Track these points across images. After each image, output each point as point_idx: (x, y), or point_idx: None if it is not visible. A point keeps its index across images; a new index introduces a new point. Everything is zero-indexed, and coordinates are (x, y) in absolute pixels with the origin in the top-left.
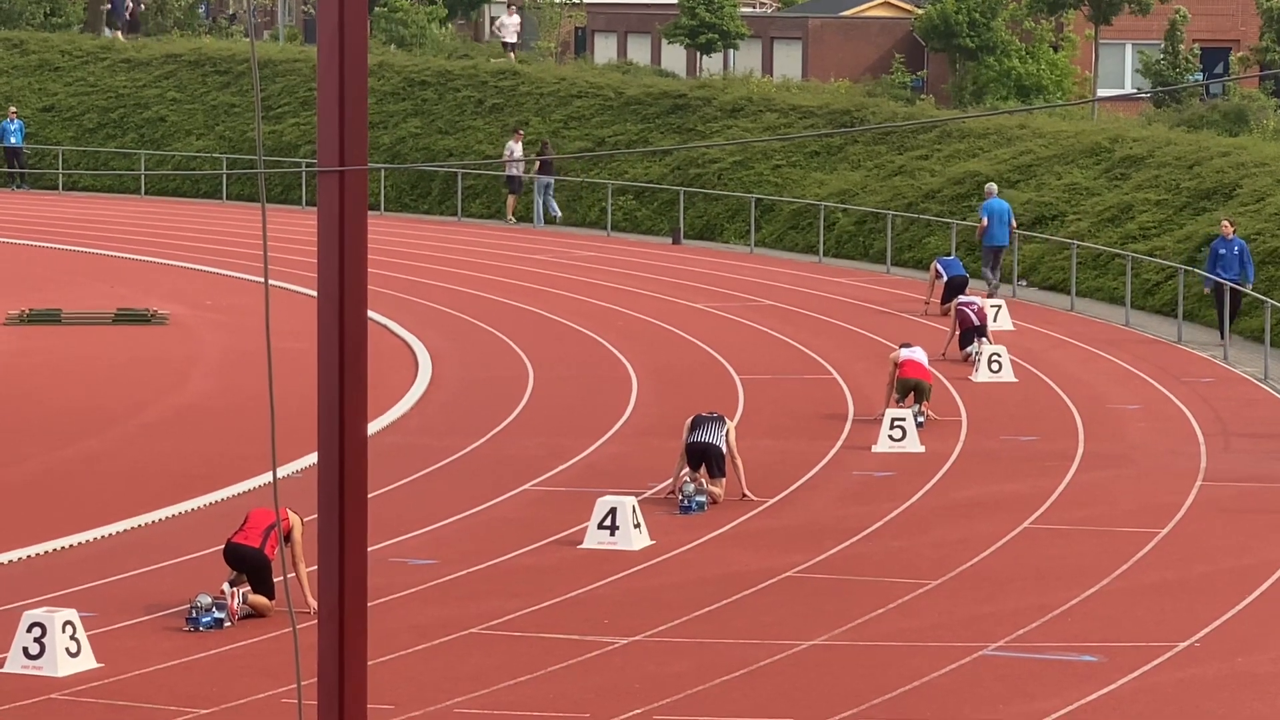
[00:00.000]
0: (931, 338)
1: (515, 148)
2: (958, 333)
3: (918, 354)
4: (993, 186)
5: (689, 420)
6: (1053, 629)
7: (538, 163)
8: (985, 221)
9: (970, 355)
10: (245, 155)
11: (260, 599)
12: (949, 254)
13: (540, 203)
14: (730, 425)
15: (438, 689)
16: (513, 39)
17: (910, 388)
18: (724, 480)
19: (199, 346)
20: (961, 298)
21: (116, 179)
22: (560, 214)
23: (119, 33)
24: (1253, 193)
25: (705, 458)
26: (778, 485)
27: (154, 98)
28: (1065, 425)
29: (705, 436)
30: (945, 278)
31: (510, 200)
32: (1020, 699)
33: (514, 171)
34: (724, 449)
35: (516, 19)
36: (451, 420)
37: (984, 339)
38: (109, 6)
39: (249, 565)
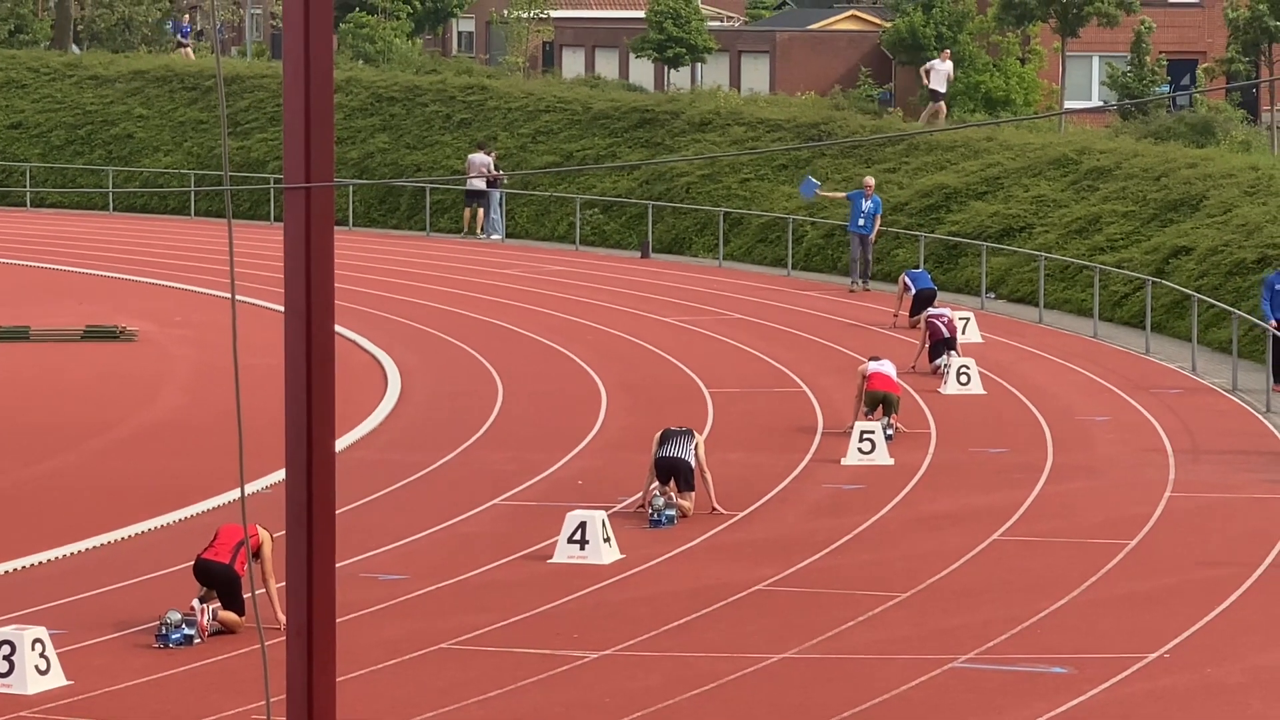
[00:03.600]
0: (900, 350)
1: (474, 159)
2: (928, 345)
3: (886, 367)
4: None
5: (658, 434)
6: (1022, 641)
7: (499, 177)
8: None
9: (939, 368)
10: (213, 171)
11: (230, 615)
12: (917, 267)
13: (493, 216)
14: (699, 439)
15: (408, 704)
16: (942, 87)
17: (879, 400)
18: (693, 494)
19: (168, 363)
20: (931, 310)
21: (84, 196)
22: (498, 233)
23: None
24: (1219, 204)
25: (674, 472)
26: (747, 499)
27: (121, 114)
28: (1034, 437)
29: (674, 451)
30: (914, 290)
31: (467, 214)
32: (990, 711)
33: (476, 185)
34: (693, 463)
35: (950, 65)
36: (421, 435)
37: (953, 351)
38: None
39: (218, 581)
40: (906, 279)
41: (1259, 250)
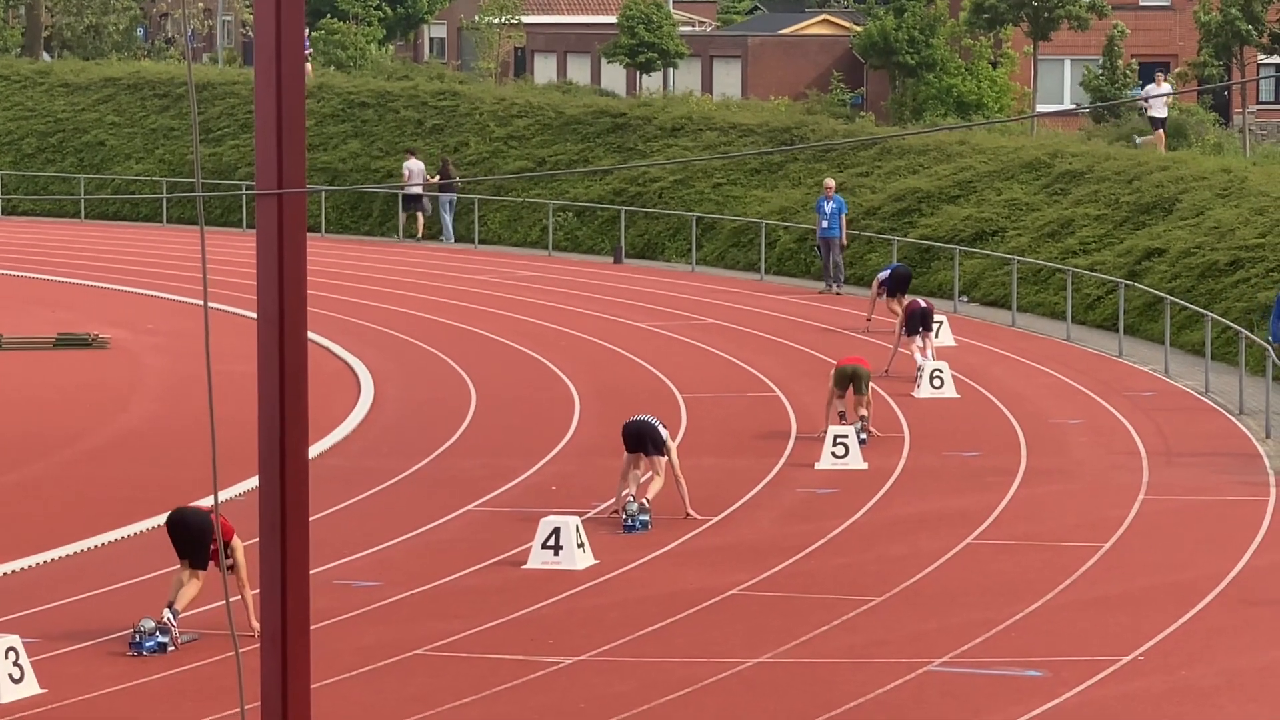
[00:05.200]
0: (874, 353)
1: (413, 166)
2: (904, 324)
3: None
4: (830, 182)
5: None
6: (997, 644)
7: (440, 178)
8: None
9: (920, 346)
10: (185, 178)
11: (195, 583)
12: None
13: (448, 220)
14: (671, 443)
15: (382, 711)
16: (1162, 113)
17: (848, 377)
18: (663, 460)
19: (140, 371)
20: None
21: (56, 203)
22: (452, 237)
23: None
24: (1191, 206)
25: (640, 436)
26: (721, 503)
27: (93, 121)
28: (1007, 440)
29: (638, 417)
30: (889, 272)
31: (408, 217)
32: (965, 714)
33: (414, 190)
34: (659, 429)
35: (1168, 87)
36: (394, 442)
37: (930, 334)
38: None
39: (192, 532)
40: (880, 276)
41: (1231, 253)
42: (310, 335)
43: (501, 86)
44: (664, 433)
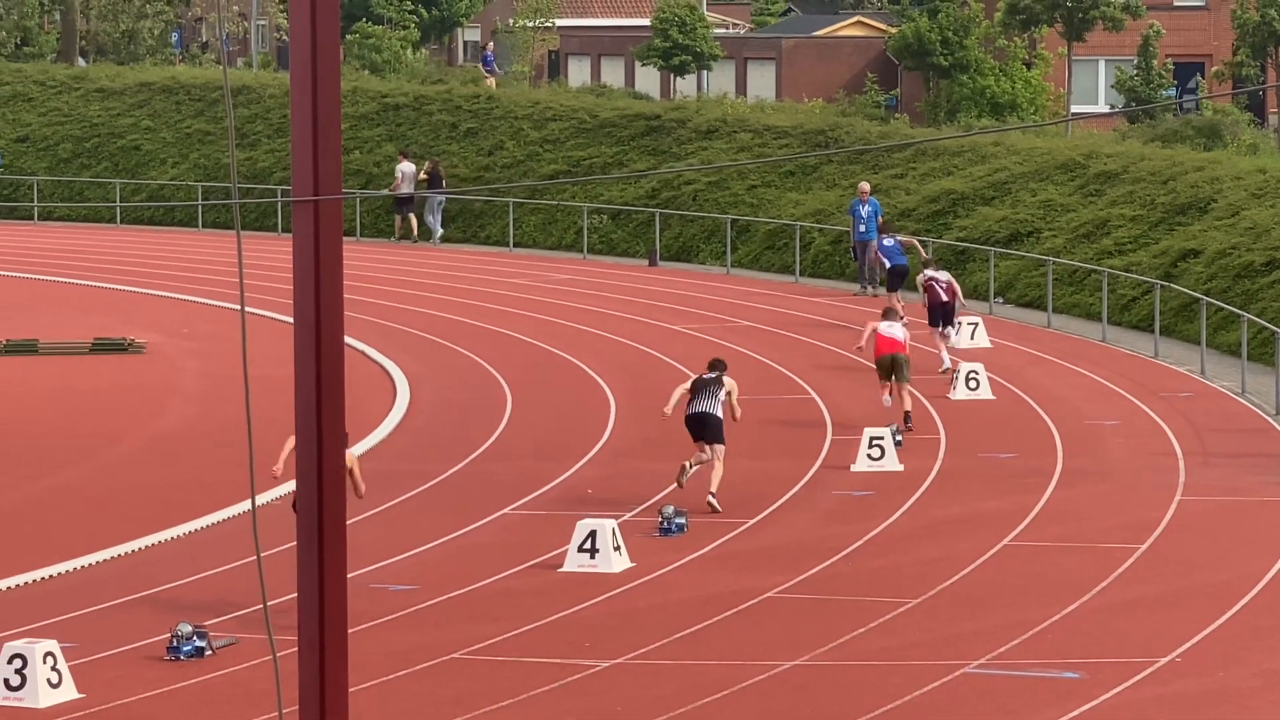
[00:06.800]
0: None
1: (405, 168)
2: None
3: (896, 330)
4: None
5: (690, 383)
6: (1033, 646)
7: (427, 181)
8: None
9: (945, 333)
10: (220, 183)
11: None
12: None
13: (432, 220)
14: (730, 385)
15: (419, 715)
16: None
17: (888, 366)
18: (722, 446)
19: (177, 375)
20: (928, 272)
21: (91, 208)
22: (440, 234)
23: None
24: (1227, 207)
25: (702, 426)
26: (757, 505)
27: (128, 126)
28: (1043, 442)
29: (702, 405)
30: (889, 265)
31: (398, 220)
32: (1002, 716)
33: (406, 191)
34: (721, 415)
35: None
36: (429, 445)
37: (951, 327)
38: None
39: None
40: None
41: (1267, 253)
42: (346, 339)
43: (536, 90)
44: (727, 384)
